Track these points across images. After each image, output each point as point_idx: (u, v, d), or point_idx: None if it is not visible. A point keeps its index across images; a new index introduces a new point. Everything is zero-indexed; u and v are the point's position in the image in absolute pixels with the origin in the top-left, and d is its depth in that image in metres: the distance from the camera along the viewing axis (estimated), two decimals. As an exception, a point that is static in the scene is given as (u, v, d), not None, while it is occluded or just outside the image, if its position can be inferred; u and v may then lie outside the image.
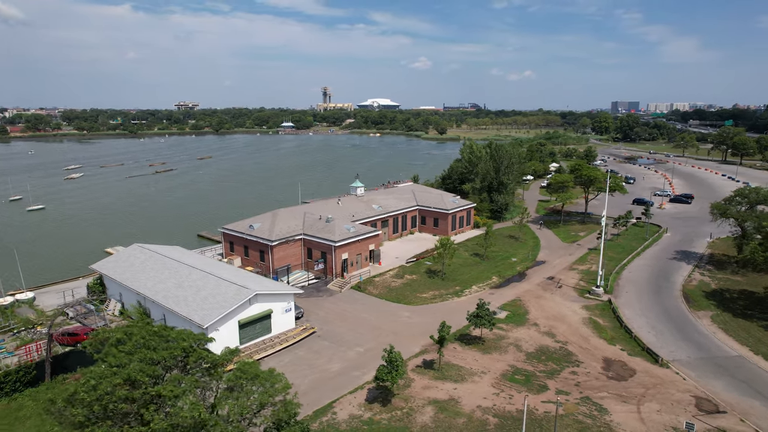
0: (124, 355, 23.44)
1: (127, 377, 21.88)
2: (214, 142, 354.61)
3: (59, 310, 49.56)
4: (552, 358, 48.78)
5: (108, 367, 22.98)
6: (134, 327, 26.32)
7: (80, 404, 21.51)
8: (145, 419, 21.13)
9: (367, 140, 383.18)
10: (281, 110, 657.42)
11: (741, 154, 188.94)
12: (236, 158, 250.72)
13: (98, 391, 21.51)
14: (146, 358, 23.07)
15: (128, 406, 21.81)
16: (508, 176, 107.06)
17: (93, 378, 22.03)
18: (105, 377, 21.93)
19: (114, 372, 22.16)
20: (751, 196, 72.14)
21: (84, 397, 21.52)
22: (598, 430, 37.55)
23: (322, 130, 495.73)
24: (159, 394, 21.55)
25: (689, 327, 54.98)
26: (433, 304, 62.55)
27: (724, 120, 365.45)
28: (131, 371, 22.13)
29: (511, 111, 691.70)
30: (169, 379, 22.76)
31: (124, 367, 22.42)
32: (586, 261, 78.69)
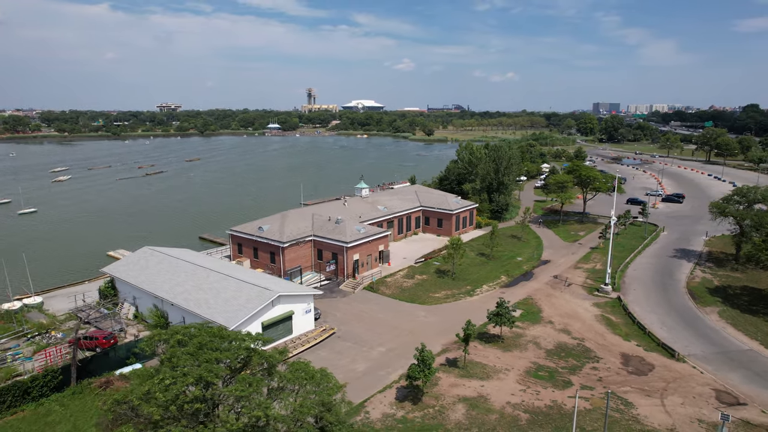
0: (189, 357, 23.51)
1: (198, 377, 22.00)
2: (200, 144, 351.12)
3: (83, 315, 48.90)
4: (571, 354, 49.82)
5: (171, 369, 23.05)
6: (194, 329, 26.39)
7: (155, 403, 21.58)
8: (222, 419, 21.28)
9: (354, 141, 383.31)
10: (266, 112, 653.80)
11: (725, 155, 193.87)
12: (225, 160, 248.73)
13: (173, 390, 21.60)
14: (212, 359, 23.21)
15: (202, 406, 21.93)
16: (507, 177, 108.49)
17: (167, 378, 22.08)
18: (178, 377, 22.03)
19: (185, 372, 22.25)
20: (749, 195, 74.41)
21: (159, 396, 21.59)
22: (627, 423, 38.58)
23: (308, 131, 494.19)
24: (231, 394, 21.74)
25: (698, 322, 56.58)
26: (447, 304, 63.25)
27: (703, 121, 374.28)
28: (202, 371, 22.27)
29: (496, 112, 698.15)
30: (238, 379, 22.93)
31: (185, 368, 22.54)
32: (590, 260, 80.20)
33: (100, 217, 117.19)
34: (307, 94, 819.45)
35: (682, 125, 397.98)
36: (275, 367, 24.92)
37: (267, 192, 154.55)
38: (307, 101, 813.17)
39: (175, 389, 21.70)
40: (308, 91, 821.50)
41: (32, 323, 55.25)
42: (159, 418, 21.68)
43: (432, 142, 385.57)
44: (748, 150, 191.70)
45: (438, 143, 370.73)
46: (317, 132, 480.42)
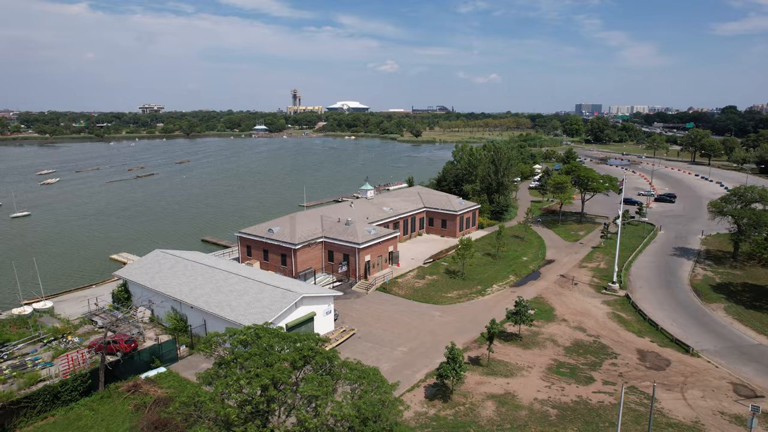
0: (257, 357, 23.81)
1: (272, 377, 22.33)
2: (188, 146, 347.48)
3: (99, 319, 48.57)
4: (589, 351, 51.03)
5: (238, 370, 23.33)
6: (259, 330, 26.65)
7: (227, 404, 21.81)
8: (299, 418, 21.63)
9: (343, 143, 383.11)
10: (251, 113, 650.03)
11: (709, 156, 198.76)
12: (216, 162, 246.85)
13: (249, 391, 21.89)
14: (280, 359, 23.54)
15: (275, 405, 22.28)
16: (507, 177, 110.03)
17: (242, 378, 22.33)
18: (252, 378, 22.31)
19: (258, 373, 22.53)
20: (746, 195, 76.80)
21: (235, 397, 21.86)
22: (655, 417, 39.72)
23: (295, 133, 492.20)
24: (307, 393, 22.12)
25: (707, 318, 58.35)
26: (460, 304, 64.11)
27: (685, 122, 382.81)
28: (275, 372, 22.60)
29: (481, 113, 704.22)
30: (307, 379, 23.30)
31: (258, 369, 22.86)
32: (593, 259, 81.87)
33: (97, 220, 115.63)
34: (292, 95, 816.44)
35: (665, 126, 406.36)
36: (335, 367, 25.35)
37: (265, 194, 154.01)
38: (292, 102, 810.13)
39: (250, 390, 22.02)
40: (293, 92, 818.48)
41: (47, 328, 54.70)
42: (234, 418, 21.95)
43: (420, 143, 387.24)
44: (732, 151, 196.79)
45: (426, 144, 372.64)
46: (305, 133, 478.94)
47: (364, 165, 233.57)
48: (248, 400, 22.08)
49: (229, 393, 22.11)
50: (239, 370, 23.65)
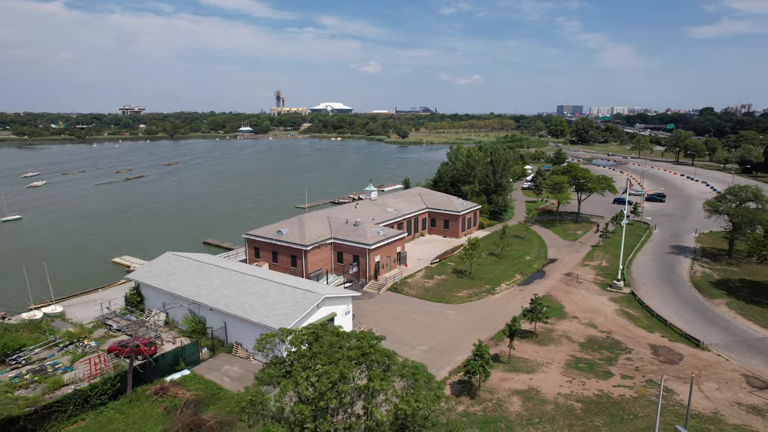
0: (323, 356, 24.31)
1: (340, 374, 22.89)
2: (173, 148, 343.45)
3: (140, 322, 48.25)
4: (603, 346, 52.47)
5: (302, 369, 23.81)
6: (318, 329, 27.12)
7: (304, 402, 22.31)
8: (372, 413, 22.21)
9: (330, 144, 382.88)
10: (235, 114, 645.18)
11: (693, 156, 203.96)
12: (205, 164, 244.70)
13: (321, 387, 22.41)
14: (345, 356, 24.09)
15: (347, 400, 22.89)
16: (504, 178, 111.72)
17: (312, 376, 22.80)
18: (322, 375, 22.81)
19: (327, 371, 23.04)
20: (740, 194, 79.47)
21: (308, 395, 22.31)
22: (674, 409, 41.25)
23: (281, 134, 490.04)
24: (380, 389, 22.74)
25: (711, 314, 60.37)
26: (471, 303, 65.17)
27: (665, 123, 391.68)
28: (342, 368, 23.15)
29: (465, 114, 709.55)
30: (372, 376, 23.89)
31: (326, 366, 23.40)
32: (594, 258, 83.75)
33: (93, 223, 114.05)
34: (275, 96, 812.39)
35: (646, 127, 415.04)
36: (392, 363, 25.97)
37: (260, 195, 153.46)
38: (276, 104, 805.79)
39: (321, 386, 22.54)
40: (277, 93, 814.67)
41: (61, 332, 54.18)
42: (309, 415, 22.43)
43: (407, 144, 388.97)
44: (714, 151, 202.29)
45: (413, 146, 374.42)
46: (290, 135, 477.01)
47: (355, 166, 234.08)
48: (321, 396, 22.59)
49: (302, 390, 22.54)
50: (304, 369, 24.12)
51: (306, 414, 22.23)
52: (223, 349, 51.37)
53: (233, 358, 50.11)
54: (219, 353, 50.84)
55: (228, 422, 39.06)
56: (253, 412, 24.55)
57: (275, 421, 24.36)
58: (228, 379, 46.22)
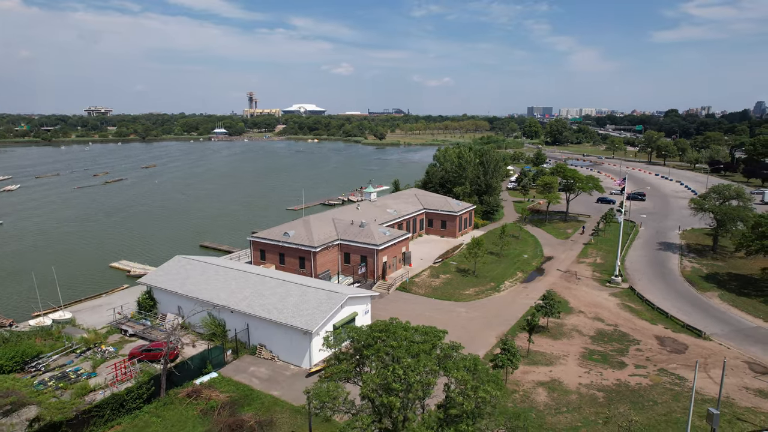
0: (400, 349, 25.37)
1: (424, 366, 24.03)
2: (147, 150, 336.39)
3: (173, 326, 47.93)
4: (612, 339, 55.00)
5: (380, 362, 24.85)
6: (389, 324, 28.14)
7: (394, 393, 23.36)
8: (458, 401, 23.41)
9: (307, 146, 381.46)
10: (207, 116, 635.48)
11: (665, 156, 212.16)
12: (184, 166, 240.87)
13: (411, 379, 23.48)
14: (421, 351, 25.25)
15: (432, 391, 24.04)
16: (495, 179, 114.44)
17: (399, 369, 23.84)
18: (410, 367, 23.88)
19: (409, 364, 24.11)
20: (724, 192, 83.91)
21: (396, 386, 23.33)
22: (688, 394, 43.81)
23: (256, 136, 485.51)
24: (462, 380, 24.03)
25: (706, 306, 63.81)
26: (479, 300, 67.04)
27: (634, 125, 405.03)
28: (425, 361, 24.30)
29: (438, 116, 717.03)
30: (448, 367, 25.09)
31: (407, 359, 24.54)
32: (588, 255, 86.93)
33: (81, 228, 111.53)
34: (248, 98, 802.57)
35: (616, 128, 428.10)
36: (458, 356, 27.26)
37: (248, 197, 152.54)
38: (248, 105, 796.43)
39: (412, 378, 23.65)
40: (249, 95, 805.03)
41: (77, 339, 53.55)
42: (399, 405, 23.48)
43: (384, 146, 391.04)
44: (684, 152, 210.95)
45: (390, 147, 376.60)
46: (266, 137, 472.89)
47: (337, 168, 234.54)
48: (410, 386, 23.68)
49: (390, 383, 23.55)
50: (383, 363, 25.17)
51: (396, 405, 23.29)
52: (245, 351, 51.69)
53: (257, 359, 50.49)
54: (242, 355, 51.16)
55: (267, 422, 39.67)
56: (333, 405, 25.43)
57: (352, 414, 25.33)
58: (257, 380, 46.65)
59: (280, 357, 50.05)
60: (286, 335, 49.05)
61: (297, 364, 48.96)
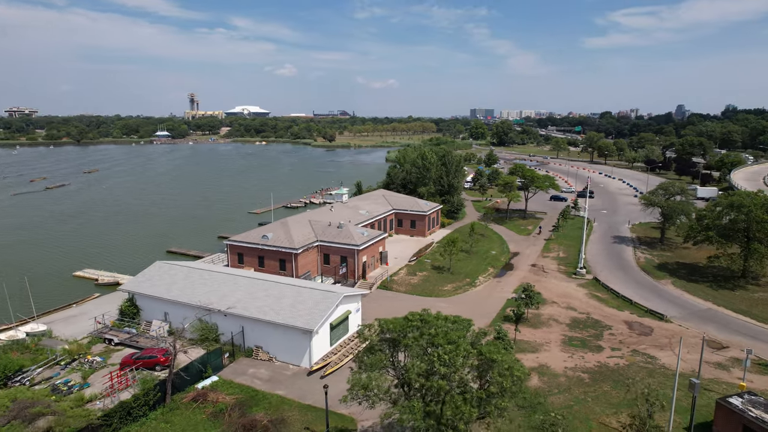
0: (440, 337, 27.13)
1: (465, 351, 25.92)
2: (85, 154, 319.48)
3: (178, 332, 46.90)
4: (587, 326, 59.34)
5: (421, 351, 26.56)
6: (424, 315, 29.78)
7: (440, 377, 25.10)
8: (498, 380, 25.46)
9: (256, 149, 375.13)
10: (146, 118, 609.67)
11: (605, 155, 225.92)
12: (132, 170, 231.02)
13: (456, 363, 25.28)
14: (457, 337, 27.17)
15: (477, 374, 26.03)
16: (457, 179, 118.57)
17: (445, 354, 25.54)
18: (453, 352, 25.65)
19: (450, 350, 25.89)
20: (670, 189, 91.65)
21: (443, 370, 25.01)
22: (662, 370, 48.43)
23: (201, 138, 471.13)
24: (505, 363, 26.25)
25: (662, 292, 69.86)
26: (458, 295, 69.99)
27: (573, 126, 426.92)
28: (464, 345, 26.21)
29: (385, 118, 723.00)
30: (493, 350, 27.11)
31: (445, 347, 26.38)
32: (551, 250, 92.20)
33: (30, 237, 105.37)
34: (189, 99, 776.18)
35: (558, 130, 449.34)
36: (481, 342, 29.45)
37: (207, 201, 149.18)
38: (190, 107, 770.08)
39: (457, 361, 25.51)
40: (190, 96, 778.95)
41: (60, 350, 51.67)
42: (447, 389, 25.24)
43: (334, 147, 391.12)
44: (622, 151, 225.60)
45: (341, 149, 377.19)
46: (211, 139, 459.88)
47: (292, 170, 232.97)
48: (456, 370, 25.56)
49: (438, 368, 25.27)
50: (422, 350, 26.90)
51: (445, 387, 25.10)
52: (241, 354, 51.78)
53: (255, 361, 50.74)
54: (238, 358, 51.23)
55: (278, 420, 40.39)
56: (376, 394, 26.88)
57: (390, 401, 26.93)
58: (259, 381, 47.04)
59: (278, 357, 50.56)
60: (285, 336, 49.68)
61: (296, 363, 49.67)
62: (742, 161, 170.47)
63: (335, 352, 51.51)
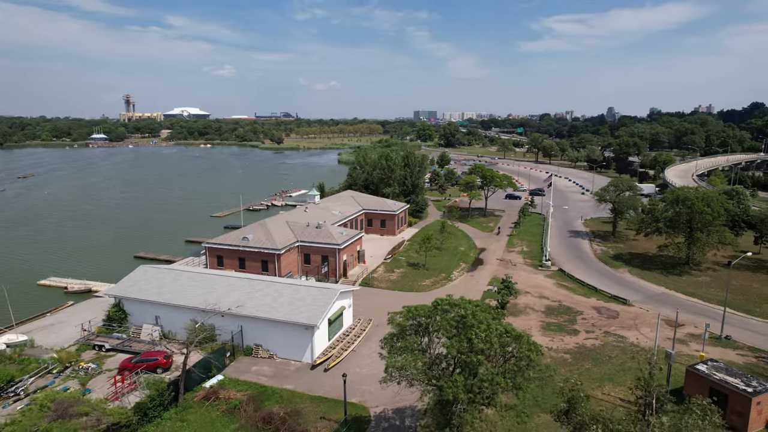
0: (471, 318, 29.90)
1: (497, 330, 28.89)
2: (12, 158, 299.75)
3: (193, 332, 46.50)
4: (561, 312, 64.33)
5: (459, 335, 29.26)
6: (453, 300, 32.36)
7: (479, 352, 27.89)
8: (526, 355, 28.52)
9: (203, 152, 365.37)
10: (77, 120, 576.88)
11: (550, 155, 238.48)
12: (72, 175, 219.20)
13: (492, 339, 28.12)
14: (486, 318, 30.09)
15: (509, 350, 29.08)
16: (420, 179, 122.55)
17: (482, 332, 28.31)
18: (489, 329, 28.46)
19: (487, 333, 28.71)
20: (620, 185, 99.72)
21: (481, 346, 27.78)
22: (632, 347, 53.80)
23: (141, 141, 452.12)
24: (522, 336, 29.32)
25: (621, 280, 76.45)
26: (437, 289, 73.33)
27: (515, 128, 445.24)
28: (496, 326, 29.16)
29: (330, 120, 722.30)
30: (515, 336, 30.19)
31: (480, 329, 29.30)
32: (515, 245, 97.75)
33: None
34: (124, 101, 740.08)
35: (501, 131, 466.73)
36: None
37: (168, 204, 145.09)
38: (125, 108, 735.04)
39: (493, 338, 28.39)
40: (126, 97, 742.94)
41: (49, 359, 50.43)
42: (484, 362, 28.09)
43: (282, 150, 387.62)
44: (564, 151, 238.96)
45: (290, 151, 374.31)
46: (152, 142, 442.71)
47: (245, 174, 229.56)
48: (490, 346, 28.49)
49: (478, 344, 28.10)
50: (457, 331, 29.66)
51: (483, 362, 27.97)
52: (240, 353, 52.56)
53: (255, 359, 51.69)
54: (238, 357, 52.00)
55: (294, 412, 41.87)
56: (408, 374, 29.43)
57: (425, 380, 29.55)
58: (265, 378, 48.17)
59: (279, 354, 51.77)
60: (285, 332, 51.01)
61: (297, 359, 51.10)
62: (672, 160, 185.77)
63: (333, 347, 53.30)
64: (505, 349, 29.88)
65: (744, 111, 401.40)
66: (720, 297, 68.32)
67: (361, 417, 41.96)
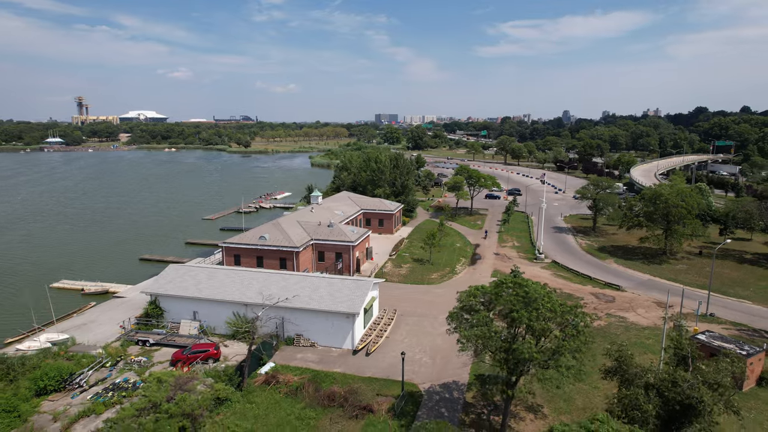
0: (535, 292, 35.03)
1: (559, 303, 34.26)
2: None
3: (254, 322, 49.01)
4: (563, 298, 70.50)
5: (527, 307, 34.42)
6: (519, 278, 37.29)
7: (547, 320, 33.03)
8: (580, 327, 33.90)
9: (171, 156, 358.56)
10: (25, 123, 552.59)
11: (518, 157, 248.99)
12: (38, 180, 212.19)
13: (556, 309, 33.40)
14: (545, 293, 35.37)
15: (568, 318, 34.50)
16: (410, 180, 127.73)
17: (547, 302, 33.49)
18: (555, 301, 33.74)
19: (551, 297, 34.06)
20: (600, 184, 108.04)
21: (549, 315, 32.93)
22: (633, 327, 60.48)
23: (100, 146, 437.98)
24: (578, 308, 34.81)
25: (610, 269, 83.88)
26: (447, 282, 78.52)
27: (479, 131, 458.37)
28: (556, 299, 34.40)
29: (293, 123, 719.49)
30: (570, 310, 35.45)
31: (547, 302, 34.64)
32: (506, 241, 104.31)
33: None
34: (77, 103, 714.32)
35: (465, 134, 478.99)
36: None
37: (152, 208, 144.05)
38: (77, 111, 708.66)
39: (556, 307, 33.81)
40: (78, 99, 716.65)
41: (101, 354, 52.43)
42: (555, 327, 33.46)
43: (250, 154, 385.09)
44: (531, 153, 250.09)
45: (259, 155, 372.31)
46: (113, 146, 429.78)
47: (221, 177, 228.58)
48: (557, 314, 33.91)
49: (543, 312, 33.38)
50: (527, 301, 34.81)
51: (551, 327, 33.28)
52: (282, 343, 55.91)
53: (298, 348, 55.17)
54: (281, 346, 55.37)
55: (351, 391, 45.78)
56: (491, 342, 34.31)
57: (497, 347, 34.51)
58: (312, 363, 51.78)
59: (320, 343, 55.45)
60: (326, 321, 54.79)
61: (338, 346, 54.95)
62: (635, 161, 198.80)
63: (369, 334, 57.43)
64: (565, 317, 35.17)
65: (690, 114, 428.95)
66: (698, 281, 76.70)
67: (413, 392, 46.38)
